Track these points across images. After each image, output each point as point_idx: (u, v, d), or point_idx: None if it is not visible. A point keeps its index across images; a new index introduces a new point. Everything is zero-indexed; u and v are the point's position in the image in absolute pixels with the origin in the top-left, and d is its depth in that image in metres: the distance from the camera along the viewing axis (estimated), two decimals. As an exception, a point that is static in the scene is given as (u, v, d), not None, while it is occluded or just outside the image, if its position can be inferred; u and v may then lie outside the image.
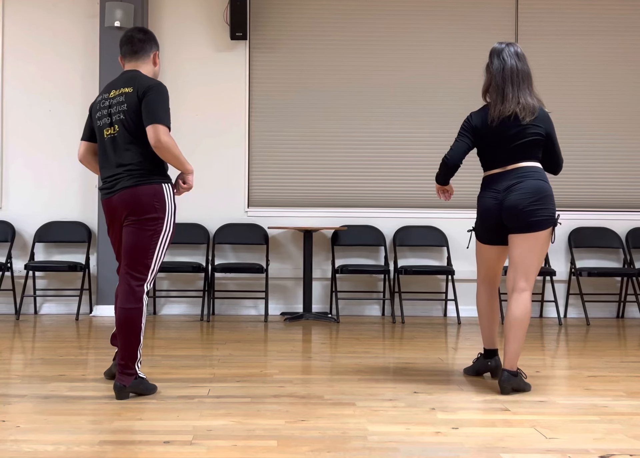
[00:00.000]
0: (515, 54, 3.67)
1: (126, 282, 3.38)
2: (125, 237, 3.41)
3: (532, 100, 3.64)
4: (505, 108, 3.62)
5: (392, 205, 6.98)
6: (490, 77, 3.70)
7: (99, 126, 3.50)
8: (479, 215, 3.76)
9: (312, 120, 6.98)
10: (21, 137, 6.87)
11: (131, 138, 3.40)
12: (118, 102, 3.43)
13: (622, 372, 4.15)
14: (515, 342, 3.56)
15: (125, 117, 3.39)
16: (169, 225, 3.44)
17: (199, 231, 6.84)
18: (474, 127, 3.72)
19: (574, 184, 7.04)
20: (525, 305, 3.59)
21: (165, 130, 3.33)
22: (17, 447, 2.60)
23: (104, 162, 3.49)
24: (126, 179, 3.39)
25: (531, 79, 3.70)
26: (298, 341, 5.21)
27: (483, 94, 3.77)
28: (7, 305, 6.73)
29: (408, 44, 7.01)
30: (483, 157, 3.79)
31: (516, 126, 3.63)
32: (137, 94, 3.38)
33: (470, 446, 2.67)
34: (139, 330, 3.37)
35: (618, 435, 2.84)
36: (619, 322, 6.64)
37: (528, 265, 3.61)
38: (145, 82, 3.41)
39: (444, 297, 6.86)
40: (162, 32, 6.90)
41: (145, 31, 3.60)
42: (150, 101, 3.34)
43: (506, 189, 3.63)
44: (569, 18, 7.05)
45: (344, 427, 2.91)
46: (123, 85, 3.45)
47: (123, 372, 3.36)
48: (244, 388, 3.60)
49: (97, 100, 3.57)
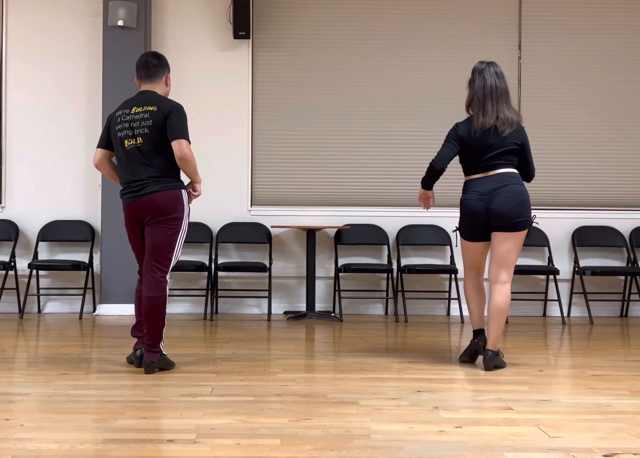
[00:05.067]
0: (495, 73, 4.11)
1: (151, 274, 3.94)
2: (150, 235, 3.96)
3: (510, 114, 4.09)
4: (486, 121, 4.06)
5: (395, 204, 6.98)
6: (472, 93, 4.15)
7: (120, 137, 4.00)
8: (464, 215, 4.19)
9: (316, 119, 6.98)
10: (24, 136, 6.87)
11: (156, 150, 3.95)
12: (143, 117, 3.95)
13: (626, 371, 4.14)
14: (497, 328, 4.08)
15: (150, 131, 3.94)
16: (185, 225, 4.04)
17: (202, 230, 6.84)
18: (460, 136, 4.15)
19: (578, 182, 7.03)
20: (507, 295, 4.10)
21: (188, 144, 3.93)
22: (21, 445, 2.60)
23: (127, 168, 3.99)
24: (153, 185, 3.93)
25: (509, 95, 4.14)
26: (301, 340, 5.21)
27: (466, 107, 4.20)
28: (10, 304, 6.74)
29: (412, 43, 7.00)
30: (466, 163, 4.22)
31: (496, 136, 4.07)
32: (163, 113, 3.94)
33: (473, 445, 2.67)
34: (163, 314, 3.95)
35: (622, 434, 2.84)
36: (622, 321, 6.63)
37: (510, 260, 4.11)
38: (168, 103, 4.00)
39: (447, 296, 6.85)
40: (165, 31, 6.90)
41: (158, 57, 4.15)
42: (174, 120, 3.93)
43: (491, 192, 4.07)
44: (572, 17, 7.04)
45: (347, 425, 2.92)
46: (145, 104, 3.99)
47: (151, 351, 3.91)
48: (247, 387, 3.60)
49: (117, 114, 4.05)
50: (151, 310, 3.92)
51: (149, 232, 3.97)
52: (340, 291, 6.55)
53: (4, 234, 6.76)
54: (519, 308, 6.81)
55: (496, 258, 4.12)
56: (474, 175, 4.17)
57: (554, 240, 6.91)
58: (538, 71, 7.02)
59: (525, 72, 6.99)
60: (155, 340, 3.93)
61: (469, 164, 4.18)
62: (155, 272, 3.95)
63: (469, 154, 4.15)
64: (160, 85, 4.13)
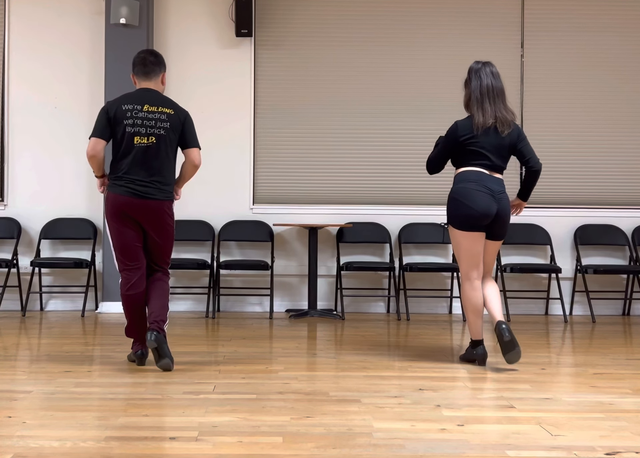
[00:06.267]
0: (491, 73, 4.14)
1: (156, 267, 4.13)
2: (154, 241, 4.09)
3: (507, 113, 4.12)
4: (486, 119, 4.09)
5: (397, 203, 6.98)
6: (469, 93, 4.18)
7: (130, 132, 3.99)
8: (469, 203, 4.06)
9: (318, 117, 6.98)
10: (27, 134, 6.88)
11: (167, 153, 4.04)
12: (159, 118, 4.01)
13: (628, 370, 4.14)
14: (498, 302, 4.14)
15: (167, 133, 4.02)
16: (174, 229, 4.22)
17: (204, 228, 6.85)
18: (460, 134, 4.13)
19: (580, 181, 7.02)
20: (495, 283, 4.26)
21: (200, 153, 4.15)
22: (24, 442, 2.61)
23: (133, 164, 4.00)
24: (157, 192, 4.02)
25: (505, 95, 4.17)
26: (303, 338, 5.21)
27: (465, 106, 4.22)
28: (13, 302, 6.75)
29: (414, 42, 7.00)
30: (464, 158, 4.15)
31: (496, 137, 4.11)
32: (179, 118, 4.06)
33: (475, 443, 2.67)
34: (168, 299, 4.11)
35: (624, 432, 2.83)
36: (624, 319, 6.63)
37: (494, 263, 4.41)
38: (182, 109, 4.12)
39: (449, 294, 6.85)
40: (167, 29, 6.90)
41: (156, 54, 4.16)
42: (190, 128, 4.10)
43: (498, 193, 4.10)
44: (575, 15, 7.03)
45: (349, 423, 2.92)
46: (160, 105, 4.04)
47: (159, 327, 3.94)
48: (249, 385, 3.60)
49: (124, 108, 4.01)
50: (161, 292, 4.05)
51: (154, 238, 4.07)
52: (342, 289, 6.55)
53: (6, 232, 6.76)
54: (521, 307, 6.81)
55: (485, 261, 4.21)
56: (477, 168, 4.12)
57: (556, 239, 6.90)
58: (540, 70, 7.01)
59: (528, 71, 6.98)
60: (160, 321, 3.95)
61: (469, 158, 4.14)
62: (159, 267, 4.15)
63: (471, 150, 4.12)
64: (157, 83, 4.14)
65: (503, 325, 3.95)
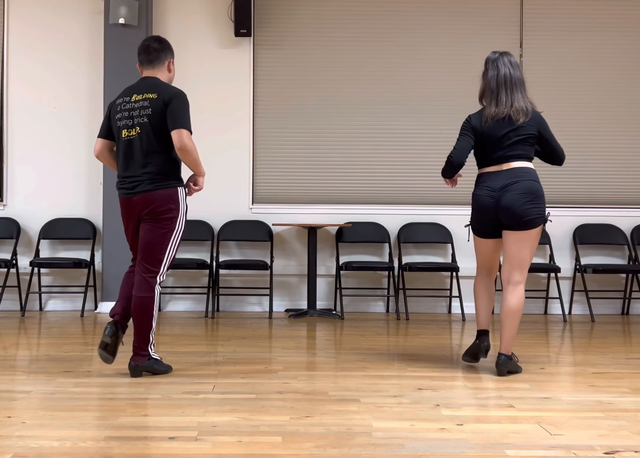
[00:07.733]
0: (509, 63, 4.02)
1: (141, 273, 3.74)
2: (142, 233, 3.76)
3: (524, 103, 3.98)
4: (499, 110, 3.96)
5: (396, 202, 6.98)
6: (485, 83, 4.05)
7: (119, 126, 3.79)
8: (475, 211, 4.07)
9: (317, 117, 6.98)
10: (26, 134, 6.88)
11: (154, 142, 3.72)
12: (142, 106, 3.72)
13: (627, 369, 4.14)
14: (511, 330, 3.92)
15: (150, 121, 3.70)
16: (181, 224, 3.79)
17: (204, 228, 6.85)
18: (473, 126, 4.05)
19: (579, 180, 7.03)
20: (521, 296, 3.94)
21: (188, 134, 3.66)
22: (23, 442, 2.61)
23: (123, 161, 3.79)
24: (147, 183, 3.71)
25: (524, 85, 4.03)
26: (302, 337, 5.21)
27: (479, 98, 4.11)
28: (12, 302, 6.75)
29: (413, 41, 7.00)
30: (479, 155, 4.10)
31: (510, 126, 3.95)
32: (163, 100, 3.69)
33: (475, 442, 2.67)
34: (151, 316, 3.73)
35: (623, 431, 2.84)
36: (623, 318, 6.63)
37: (522, 259, 3.94)
38: (170, 90, 3.74)
39: (449, 294, 6.85)
40: (167, 28, 6.90)
41: (160, 40, 3.87)
42: (174, 108, 3.67)
43: (502, 188, 3.94)
44: (574, 14, 7.03)
45: (348, 423, 2.92)
46: (146, 91, 3.75)
47: (137, 354, 3.74)
48: (248, 385, 3.60)
49: (117, 102, 3.84)
50: (138, 310, 3.70)
51: (142, 230, 3.76)
52: (341, 289, 6.55)
53: (5, 232, 6.76)
54: (520, 306, 6.81)
55: (508, 258, 3.94)
56: (487, 168, 4.03)
57: (556, 238, 6.91)
58: (539, 69, 7.02)
59: (527, 70, 6.98)
60: (141, 343, 3.73)
61: (482, 156, 4.05)
62: (144, 272, 3.74)
63: (483, 145, 4.02)
64: (163, 71, 3.86)
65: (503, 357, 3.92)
